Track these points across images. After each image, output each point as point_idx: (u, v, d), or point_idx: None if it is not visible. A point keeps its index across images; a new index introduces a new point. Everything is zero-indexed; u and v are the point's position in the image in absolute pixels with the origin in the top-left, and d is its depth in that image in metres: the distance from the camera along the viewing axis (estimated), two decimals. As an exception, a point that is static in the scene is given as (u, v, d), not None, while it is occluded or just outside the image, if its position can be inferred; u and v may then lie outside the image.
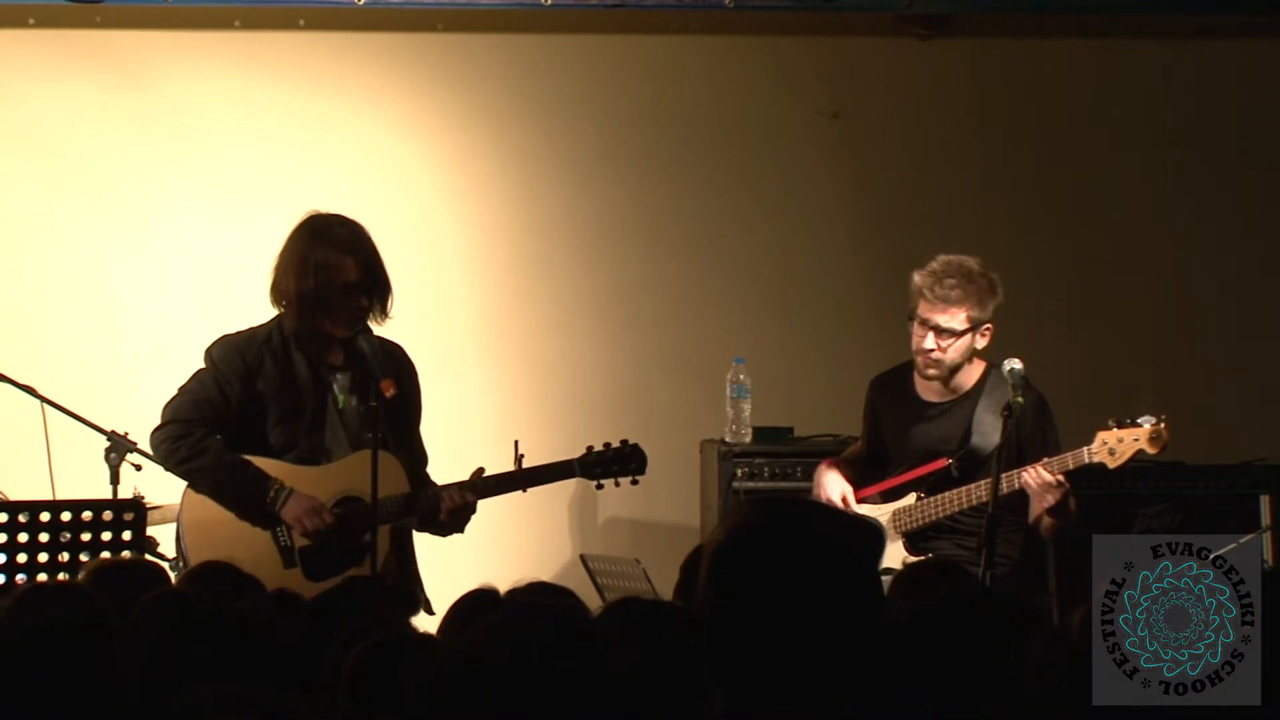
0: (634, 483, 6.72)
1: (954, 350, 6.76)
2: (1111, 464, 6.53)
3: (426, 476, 6.64)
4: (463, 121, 8.39)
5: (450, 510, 6.45)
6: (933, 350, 6.76)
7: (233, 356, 6.47)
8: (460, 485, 6.50)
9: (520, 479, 6.55)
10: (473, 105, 8.38)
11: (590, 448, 6.67)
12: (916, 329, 6.79)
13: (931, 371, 6.81)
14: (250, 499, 6.37)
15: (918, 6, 8.37)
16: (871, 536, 3.37)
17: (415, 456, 6.61)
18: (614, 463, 6.68)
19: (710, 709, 3.30)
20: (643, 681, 3.57)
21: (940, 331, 6.74)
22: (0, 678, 3.64)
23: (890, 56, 8.56)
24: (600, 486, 6.72)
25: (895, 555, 6.85)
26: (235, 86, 8.24)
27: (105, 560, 5.52)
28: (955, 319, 6.73)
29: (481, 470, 6.53)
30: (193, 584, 4.73)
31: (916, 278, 6.78)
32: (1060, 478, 6.51)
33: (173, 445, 6.41)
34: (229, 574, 4.78)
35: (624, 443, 6.71)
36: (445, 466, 6.70)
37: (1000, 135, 8.60)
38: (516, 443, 6.52)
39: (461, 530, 6.56)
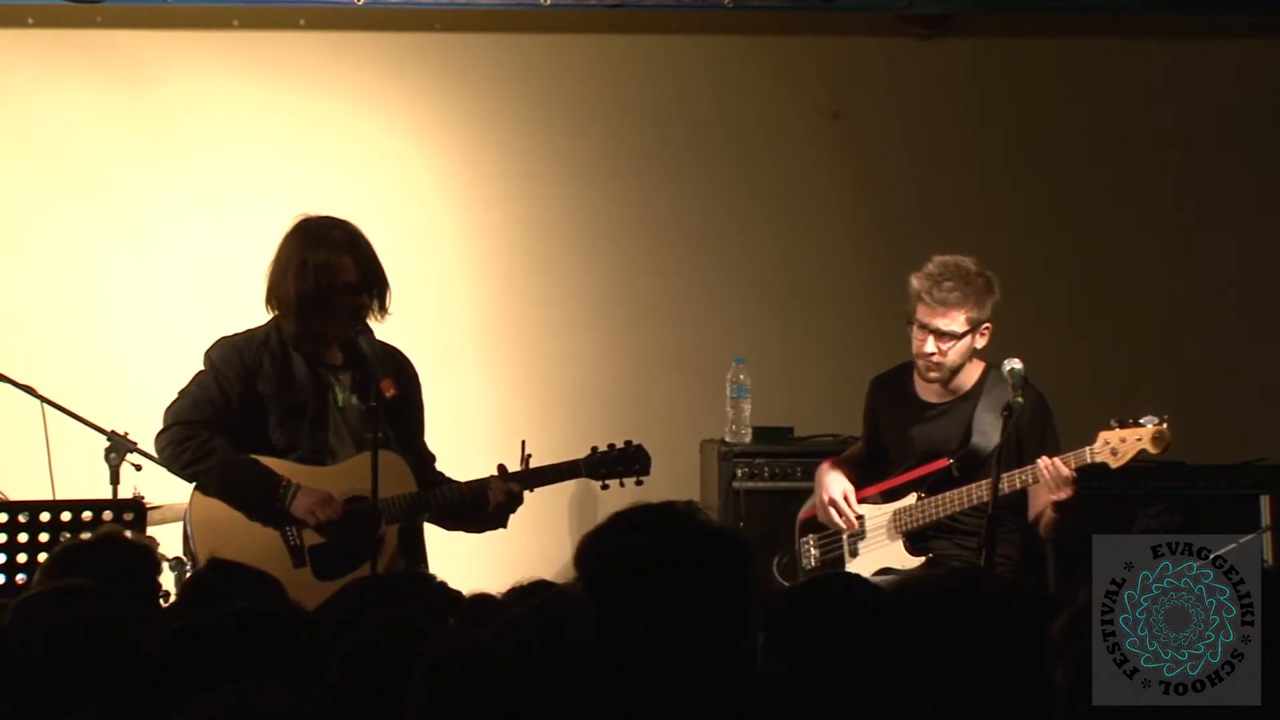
0: (638, 483, 6.74)
1: (954, 353, 6.76)
2: (1114, 464, 6.52)
3: (440, 475, 6.64)
4: (462, 121, 8.39)
5: (498, 503, 6.47)
6: (933, 354, 6.76)
7: (231, 357, 6.48)
8: (503, 476, 6.51)
9: (526, 479, 6.56)
10: (472, 105, 8.38)
11: (595, 448, 6.68)
12: (916, 333, 6.78)
13: (934, 375, 6.81)
14: (259, 498, 6.37)
15: (918, 6, 8.37)
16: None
17: (421, 455, 6.61)
18: (618, 463, 6.70)
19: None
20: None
21: (940, 335, 6.74)
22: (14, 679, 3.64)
23: (890, 56, 8.55)
24: (605, 486, 6.74)
25: (895, 555, 6.85)
26: (235, 86, 8.24)
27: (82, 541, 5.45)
28: (955, 321, 6.73)
29: (503, 468, 6.53)
30: (210, 583, 4.74)
31: (914, 281, 6.77)
32: (1074, 473, 6.50)
33: (178, 448, 6.40)
34: (243, 573, 4.79)
35: (628, 443, 6.73)
36: (445, 466, 6.70)
37: (1000, 135, 8.60)
38: (523, 443, 6.53)
39: (504, 524, 6.57)
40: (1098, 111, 8.59)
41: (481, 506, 6.49)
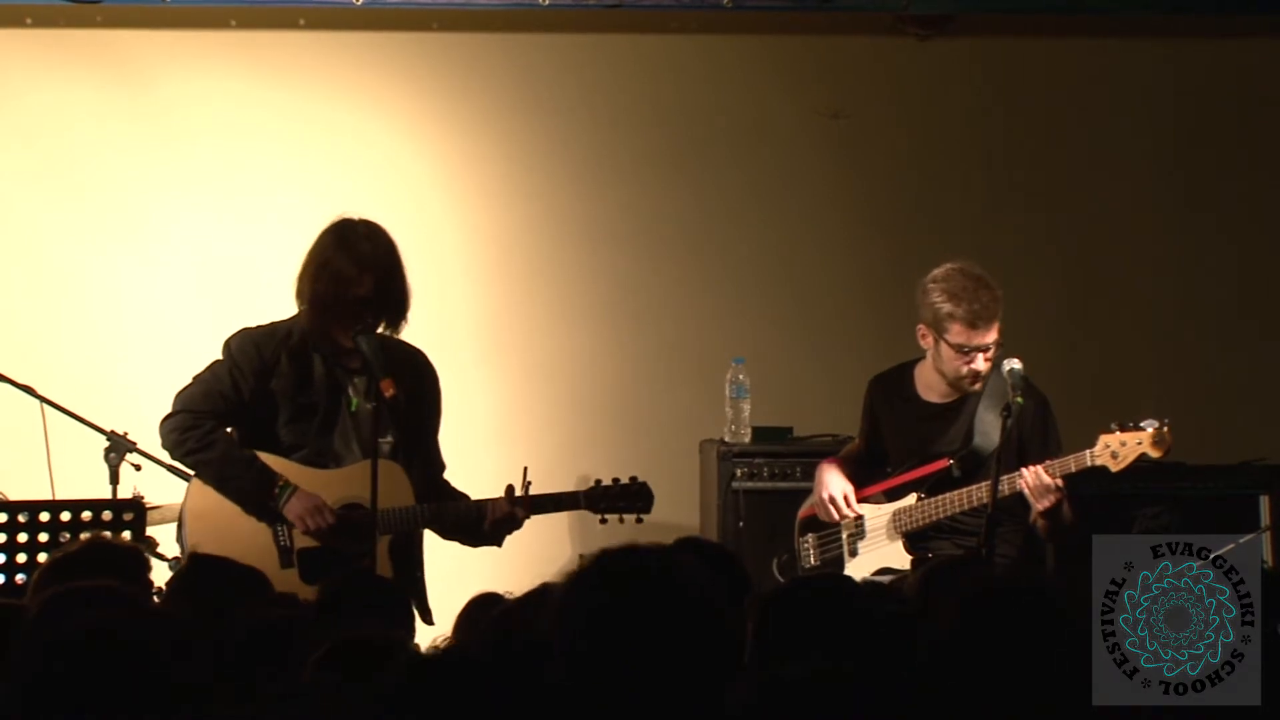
0: (638, 520, 6.70)
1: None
2: (1114, 467, 6.51)
3: (447, 485, 6.62)
4: (461, 121, 8.38)
5: (494, 520, 6.46)
6: (980, 370, 6.72)
7: (250, 350, 6.47)
8: (509, 499, 6.47)
9: (527, 505, 6.52)
10: (472, 105, 8.38)
11: (598, 481, 6.65)
12: (957, 355, 6.70)
13: (978, 386, 6.77)
14: (255, 494, 6.37)
15: (917, 6, 8.37)
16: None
17: (430, 463, 6.59)
18: (620, 499, 6.66)
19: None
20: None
21: (986, 349, 6.70)
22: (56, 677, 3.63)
23: (890, 56, 8.55)
24: (604, 521, 6.70)
25: (895, 555, 6.85)
26: (234, 86, 8.23)
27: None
28: (995, 331, 6.69)
29: (511, 489, 6.50)
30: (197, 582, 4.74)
31: (944, 305, 6.69)
32: (1058, 481, 6.49)
33: (181, 435, 6.41)
34: (228, 568, 4.79)
35: (633, 479, 6.69)
36: (446, 464, 6.69)
37: (999, 135, 8.60)
38: (525, 469, 6.49)
39: (499, 543, 6.55)
40: (1097, 111, 8.59)
41: (477, 526, 6.48)
